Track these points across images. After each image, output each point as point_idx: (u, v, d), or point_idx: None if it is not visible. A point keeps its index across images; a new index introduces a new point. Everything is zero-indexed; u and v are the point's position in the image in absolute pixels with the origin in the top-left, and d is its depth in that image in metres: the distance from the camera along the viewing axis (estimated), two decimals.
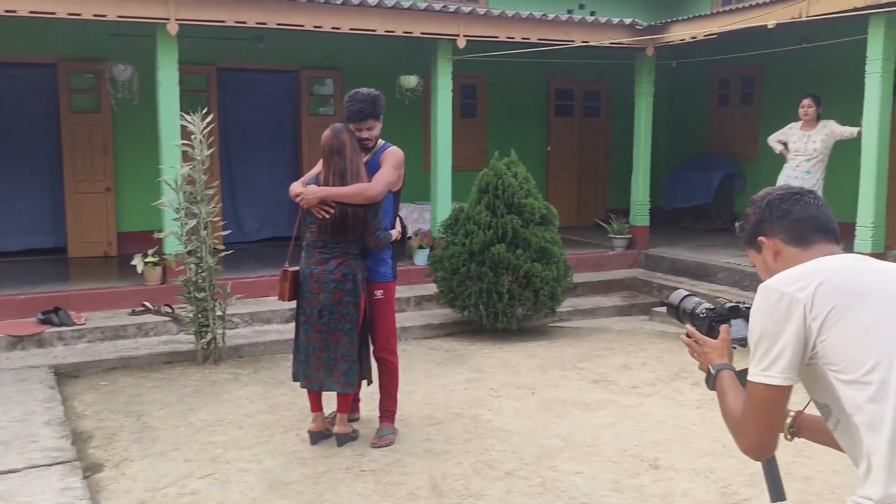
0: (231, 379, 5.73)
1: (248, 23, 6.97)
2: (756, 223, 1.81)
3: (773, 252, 1.77)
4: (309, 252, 4.34)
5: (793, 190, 1.82)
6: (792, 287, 1.58)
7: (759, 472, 3.93)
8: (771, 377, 1.59)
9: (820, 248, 1.71)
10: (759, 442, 1.67)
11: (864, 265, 1.64)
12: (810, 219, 1.74)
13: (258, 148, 9.90)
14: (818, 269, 1.61)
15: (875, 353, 1.49)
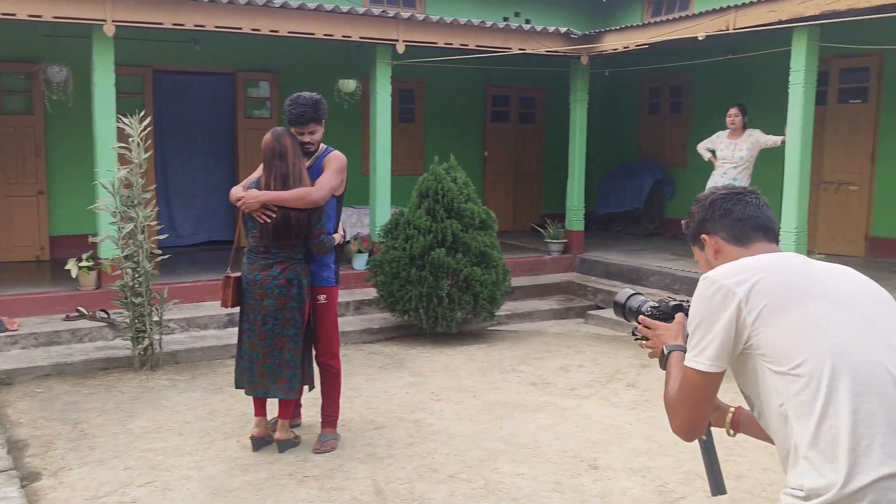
0: (169, 385, 5.63)
1: (185, 25, 6.87)
2: (700, 221, 1.89)
3: (714, 250, 1.85)
4: (251, 258, 4.30)
5: (736, 190, 1.89)
6: (730, 280, 1.65)
7: (693, 471, 4.13)
8: (700, 363, 1.67)
9: (759, 247, 1.79)
10: (687, 424, 1.74)
11: (801, 264, 1.72)
12: (750, 219, 1.82)
13: (193, 150, 9.74)
14: (757, 265, 1.69)
15: (805, 349, 1.57)
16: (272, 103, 9.85)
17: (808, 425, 1.55)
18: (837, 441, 1.51)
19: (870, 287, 1.72)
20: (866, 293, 1.69)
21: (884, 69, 8.72)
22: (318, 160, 4.41)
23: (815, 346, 1.57)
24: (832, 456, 1.51)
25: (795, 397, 1.57)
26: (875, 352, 1.57)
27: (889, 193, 8.74)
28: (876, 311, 1.65)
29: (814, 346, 1.57)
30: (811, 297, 1.62)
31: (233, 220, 9.87)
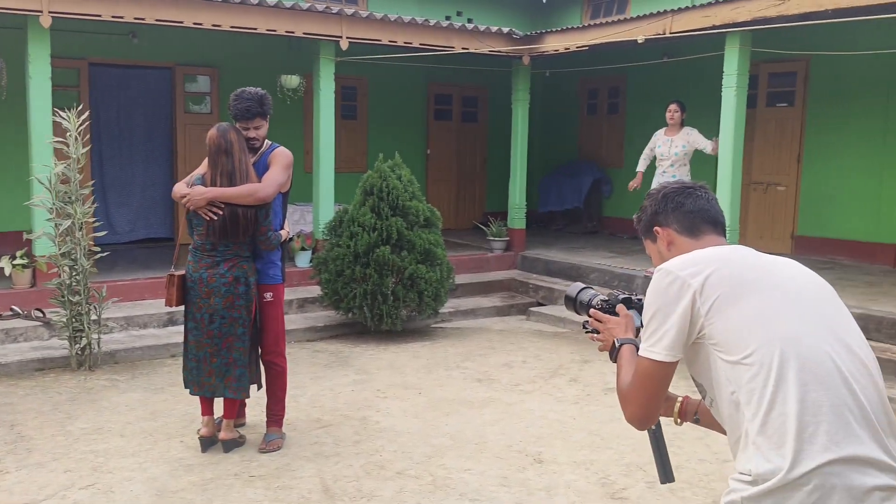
0: (108, 385, 5.50)
1: (125, 18, 6.69)
2: (652, 214, 1.96)
3: (667, 242, 1.92)
4: (197, 255, 4.24)
5: (687, 184, 1.96)
6: (685, 272, 1.72)
7: (634, 463, 4.27)
8: (656, 353, 1.72)
9: (709, 239, 1.87)
10: (641, 413, 1.79)
11: (752, 257, 1.80)
12: (701, 211, 1.89)
13: (131, 146, 9.50)
14: (710, 257, 1.76)
15: (756, 339, 1.65)
16: (212, 98, 9.68)
17: (758, 412, 1.61)
18: (784, 428, 1.58)
19: (815, 280, 1.81)
20: (812, 286, 1.78)
21: (810, 74, 9.11)
22: (264, 156, 4.38)
23: (765, 336, 1.64)
24: (779, 442, 1.58)
25: (746, 385, 1.63)
26: (821, 342, 1.65)
27: (814, 194, 9.14)
28: (821, 304, 1.74)
29: (764, 336, 1.64)
30: (761, 289, 1.70)
31: (172, 217, 9.68)
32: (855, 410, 1.59)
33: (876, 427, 1.60)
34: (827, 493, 1.54)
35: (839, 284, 6.95)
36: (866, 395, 1.62)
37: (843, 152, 8.85)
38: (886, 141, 8.47)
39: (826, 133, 8.99)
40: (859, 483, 1.55)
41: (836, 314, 1.74)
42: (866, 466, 1.57)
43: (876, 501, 1.56)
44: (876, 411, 1.62)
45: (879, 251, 8.57)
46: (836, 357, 1.64)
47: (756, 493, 1.58)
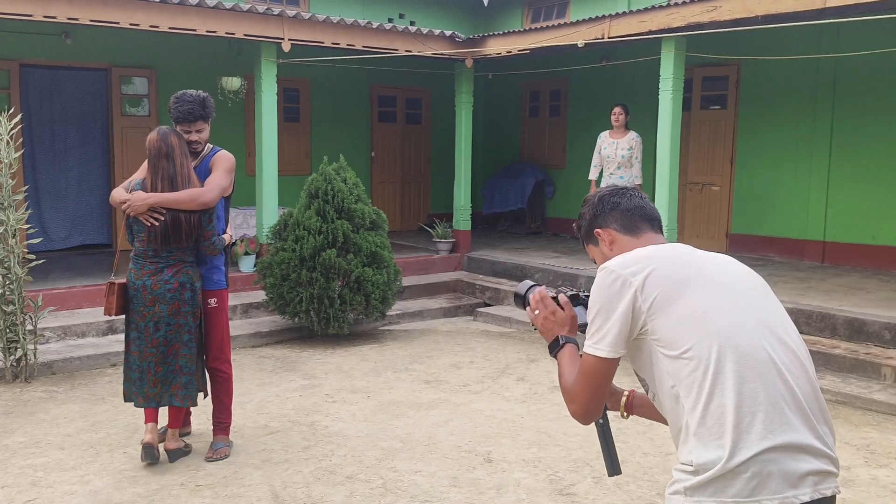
0: (46, 397, 5.33)
1: (58, 18, 6.49)
2: (591, 218, 2.01)
3: (608, 242, 1.97)
4: (139, 262, 4.14)
5: (619, 186, 2.04)
6: (627, 270, 1.78)
7: (581, 459, 4.34)
8: (599, 350, 1.78)
9: (648, 237, 1.94)
10: (586, 408, 1.85)
11: (690, 255, 1.85)
12: (637, 209, 1.96)
13: (66, 150, 9.21)
14: (651, 255, 1.82)
15: (695, 334, 1.71)
16: (150, 100, 9.46)
17: (697, 405, 1.69)
18: (723, 419, 1.66)
19: (750, 276, 1.89)
20: (748, 282, 1.86)
21: (741, 78, 9.42)
22: (205, 160, 4.31)
23: (703, 331, 1.71)
24: (718, 433, 1.66)
25: (685, 379, 1.70)
26: (756, 335, 1.73)
27: (746, 193, 9.46)
28: (757, 298, 1.82)
29: (702, 331, 1.71)
30: (700, 286, 1.77)
31: (109, 223, 9.42)
32: (789, 400, 1.68)
33: (809, 415, 1.69)
34: (764, 479, 1.62)
35: (771, 280, 7.19)
36: (799, 384, 1.71)
37: (774, 153, 9.17)
38: (814, 142, 8.82)
39: (757, 135, 9.31)
40: (794, 469, 1.64)
41: (770, 308, 1.82)
42: (801, 453, 1.65)
43: (810, 485, 1.65)
44: (808, 400, 1.71)
45: (808, 248, 8.91)
46: (770, 349, 1.72)
47: (698, 482, 1.65)
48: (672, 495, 1.71)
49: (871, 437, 4.81)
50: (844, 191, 8.62)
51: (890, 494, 3.99)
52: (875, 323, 6.12)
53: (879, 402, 5.29)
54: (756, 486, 1.62)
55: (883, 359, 5.76)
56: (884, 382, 5.62)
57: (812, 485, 1.65)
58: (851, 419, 5.12)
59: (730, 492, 1.62)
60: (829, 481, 1.68)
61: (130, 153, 8.94)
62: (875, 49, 7.54)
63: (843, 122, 8.58)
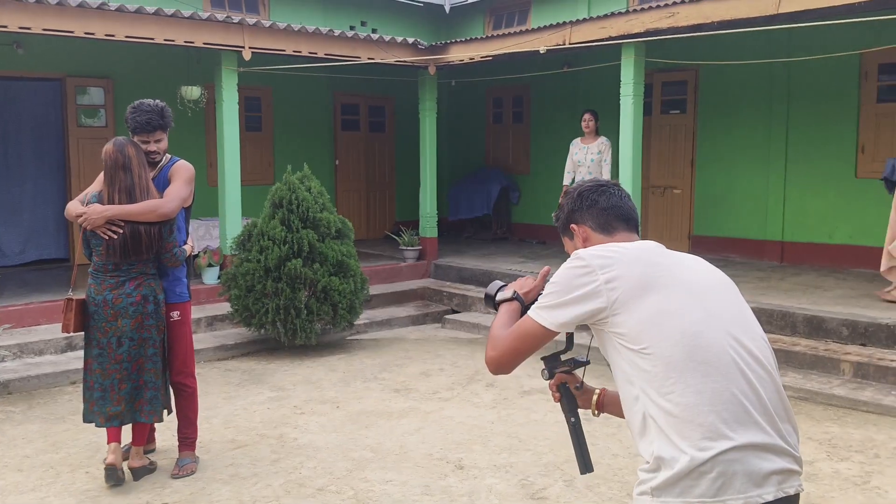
0: (2, 418, 5.16)
1: (9, 27, 6.32)
2: (569, 212, 2.03)
3: (583, 238, 1.99)
4: (99, 277, 4.02)
5: (601, 182, 2.04)
6: (596, 262, 1.79)
7: (552, 463, 4.33)
8: (545, 320, 1.81)
9: (621, 236, 1.95)
10: (502, 359, 1.90)
11: (659, 254, 1.86)
12: (614, 209, 1.98)
13: (19, 162, 8.99)
14: (622, 251, 1.82)
15: (658, 332, 1.72)
16: (107, 111, 9.28)
17: (659, 401, 1.69)
18: (686, 416, 1.67)
19: (717, 276, 1.91)
20: (714, 282, 1.88)
21: (699, 83, 9.58)
22: (164, 171, 4.23)
23: (668, 329, 1.72)
24: (680, 430, 1.67)
25: (645, 373, 1.72)
26: (721, 335, 1.74)
27: (707, 196, 9.60)
28: (722, 298, 1.84)
29: (667, 329, 1.72)
30: (667, 285, 1.78)
31: (66, 237, 9.20)
32: (752, 398, 1.69)
33: (772, 414, 1.71)
34: (729, 479, 1.63)
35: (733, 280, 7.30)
36: (762, 383, 1.72)
37: (732, 156, 9.34)
38: (770, 144, 8.99)
39: (716, 138, 9.47)
40: (758, 468, 1.65)
41: (735, 308, 1.83)
42: (765, 452, 1.67)
43: (774, 484, 1.67)
44: (772, 398, 1.73)
45: (767, 248, 9.08)
46: (733, 350, 1.73)
47: (663, 482, 1.66)
48: (640, 496, 1.72)
49: (832, 431, 4.89)
50: (801, 191, 8.81)
51: (851, 487, 4.06)
52: (833, 320, 6.24)
53: (839, 396, 5.40)
54: (721, 486, 1.63)
55: (841, 354, 5.87)
56: (843, 378, 5.73)
57: (776, 483, 1.67)
58: (813, 414, 5.20)
59: (695, 492, 1.64)
60: (792, 480, 1.70)
61: (87, 165, 8.74)
62: (826, 53, 7.73)
63: (797, 124, 8.77)
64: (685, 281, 1.81)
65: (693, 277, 1.83)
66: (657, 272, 1.79)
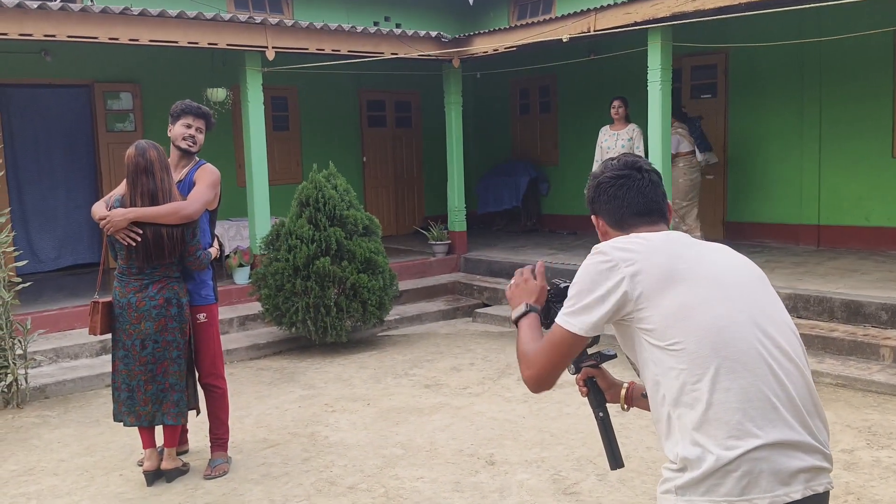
0: (39, 423, 5.24)
1: (34, 35, 6.40)
2: (589, 201, 1.95)
3: (601, 231, 1.94)
4: (123, 280, 4.04)
5: (623, 173, 1.88)
6: (618, 255, 1.72)
7: (585, 457, 4.26)
8: (572, 325, 1.73)
9: (640, 231, 1.84)
10: (540, 375, 1.80)
11: (684, 246, 1.77)
12: (631, 205, 1.86)
13: (52, 169, 9.13)
14: (646, 244, 1.74)
15: (684, 327, 1.66)
16: (136, 115, 9.39)
17: (682, 397, 1.64)
18: (712, 415, 1.61)
19: (745, 267, 1.82)
20: (742, 273, 1.79)
21: (728, 66, 9.37)
22: (191, 173, 4.25)
23: (693, 325, 1.65)
24: (706, 429, 1.61)
25: (671, 371, 1.66)
26: (748, 330, 1.67)
27: (740, 181, 9.40)
28: (750, 292, 1.75)
29: (692, 325, 1.66)
30: (692, 278, 1.70)
31: (99, 242, 9.33)
32: (781, 395, 1.63)
33: (801, 410, 1.65)
34: (755, 478, 1.58)
35: (768, 267, 7.16)
36: (791, 379, 1.66)
37: (765, 139, 9.14)
38: (803, 127, 8.78)
39: (748, 122, 9.27)
40: (785, 466, 1.60)
41: (763, 301, 1.75)
42: (793, 450, 1.61)
43: (801, 482, 1.61)
44: (801, 394, 1.66)
45: (803, 232, 8.87)
46: (761, 345, 1.66)
47: (688, 481, 1.62)
48: (663, 494, 1.68)
49: (872, 418, 4.75)
50: (836, 173, 8.58)
51: (893, 475, 3.93)
52: (871, 304, 6.06)
53: (879, 382, 5.24)
54: (747, 485, 1.58)
55: (881, 340, 5.70)
56: (882, 363, 5.56)
57: (804, 482, 1.61)
58: (852, 401, 5.06)
59: (721, 491, 1.59)
60: (821, 477, 1.65)
61: (118, 169, 8.85)
62: (857, 31, 7.50)
63: (831, 105, 8.54)
64: (710, 273, 1.73)
65: (719, 269, 1.76)
66: (681, 264, 1.72)
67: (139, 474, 4.19)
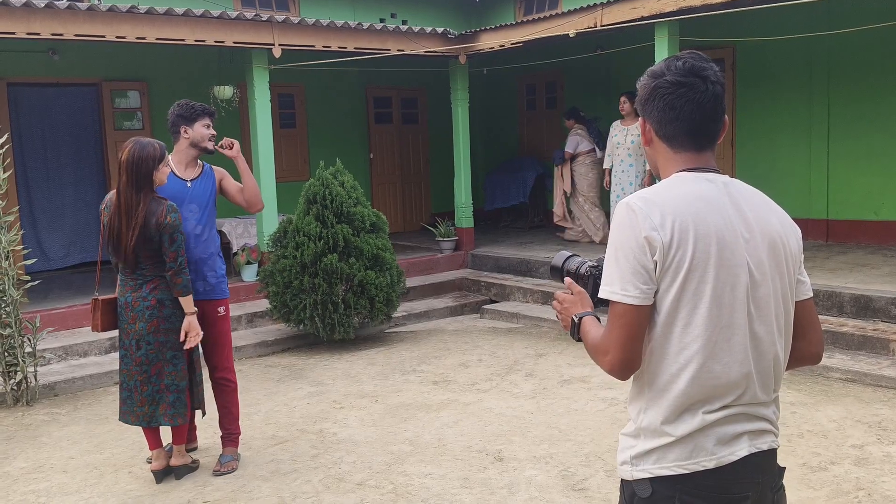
0: (48, 420, 5.26)
1: (42, 34, 6.41)
2: (641, 101, 1.76)
3: (647, 138, 1.77)
4: (122, 279, 4.01)
5: (686, 80, 1.68)
6: (650, 219, 1.60)
7: (593, 453, 4.24)
8: (624, 296, 1.62)
9: (687, 157, 1.71)
10: (618, 357, 1.65)
11: (721, 218, 1.64)
12: (687, 120, 1.69)
13: (60, 167, 9.16)
14: (682, 205, 1.62)
15: (682, 321, 1.62)
16: (143, 114, 9.40)
17: (657, 370, 1.66)
18: (674, 390, 1.65)
19: (772, 247, 1.70)
20: (766, 257, 1.68)
21: (736, 60, 9.32)
22: (203, 175, 4.26)
23: (694, 323, 1.63)
24: (667, 400, 1.66)
25: (656, 341, 1.66)
26: (742, 334, 1.65)
27: (748, 175, 9.26)
28: (763, 288, 1.68)
29: (694, 323, 1.63)
30: (713, 269, 1.62)
31: None
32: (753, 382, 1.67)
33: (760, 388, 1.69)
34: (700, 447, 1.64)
35: None
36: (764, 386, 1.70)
37: (773, 134, 9.08)
38: (812, 121, 8.72)
39: (756, 116, 9.21)
40: (730, 431, 1.65)
41: (770, 299, 1.69)
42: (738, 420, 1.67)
43: (745, 441, 1.66)
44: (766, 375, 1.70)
45: (812, 227, 8.81)
46: (751, 354, 1.67)
47: (641, 451, 1.67)
48: (620, 466, 1.73)
49: (882, 413, 4.72)
50: (845, 168, 8.52)
51: None
52: (881, 299, 6.02)
53: (889, 377, 5.21)
54: (693, 450, 1.64)
55: (890, 334, 5.67)
56: (892, 358, 5.53)
57: (748, 440, 1.66)
58: (862, 396, 5.03)
59: (670, 457, 1.65)
60: (765, 437, 1.70)
61: None
62: (866, 25, 7.43)
63: (839, 99, 8.48)
64: (732, 265, 1.64)
65: (741, 260, 1.65)
66: (713, 249, 1.61)
67: (148, 471, 4.20)
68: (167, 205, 3.90)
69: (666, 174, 1.76)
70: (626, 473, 1.71)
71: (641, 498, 1.67)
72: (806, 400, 5.04)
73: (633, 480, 1.69)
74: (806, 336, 1.80)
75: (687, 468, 1.63)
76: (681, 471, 1.63)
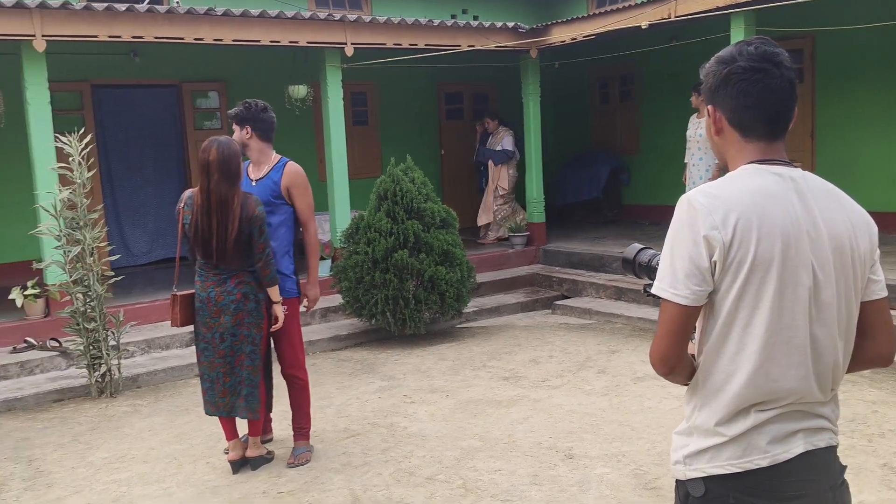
0: (130, 411, 5.46)
1: (123, 37, 6.65)
2: (710, 88, 1.69)
3: (717, 127, 1.70)
4: (203, 274, 4.10)
5: (760, 65, 1.61)
6: (712, 215, 1.53)
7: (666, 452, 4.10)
8: (673, 294, 1.58)
9: (759, 147, 1.64)
10: (660, 353, 1.64)
11: (787, 218, 1.56)
12: (763, 106, 1.62)
13: (142, 166, 9.51)
14: (748, 202, 1.55)
15: (739, 320, 1.57)
16: (222, 113, 9.67)
17: (713, 368, 1.63)
18: (729, 392, 1.61)
19: (839, 251, 1.61)
20: (831, 262, 1.60)
21: (816, 50, 8.92)
22: (273, 171, 4.30)
23: (751, 319, 1.57)
24: (720, 401, 1.62)
25: (711, 339, 1.62)
26: (801, 341, 1.59)
27: (829, 168, 8.89)
28: (826, 295, 1.59)
29: (749, 318, 1.57)
30: (773, 274, 1.55)
31: None
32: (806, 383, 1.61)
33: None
34: (754, 445, 1.60)
35: None
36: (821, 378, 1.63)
37: (854, 125, 8.72)
38: (894, 112, 8.29)
39: (836, 107, 8.85)
40: (785, 429, 1.60)
41: (836, 303, 1.60)
42: (793, 418, 1.62)
43: (801, 438, 1.61)
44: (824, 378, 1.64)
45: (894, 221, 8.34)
46: (811, 366, 1.61)
47: (694, 450, 1.64)
48: (673, 465, 1.69)
49: None
50: None
51: None
52: None
53: None
54: (746, 449, 1.60)
55: None
56: None
57: (803, 437, 1.61)
58: None
59: (723, 456, 1.61)
60: (822, 434, 1.64)
61: None
62: None
63: None
64: (794, 269, 1.55)
65: (805, 263, 1.56)
66: (771, 252, 1.54)
67: (225, 462, 4.30)
68: (253, 198, 4.02)
69: (734, 165, 1.69)
70: (679, 473, 1.67)
71: (695, 497, 1.64)
72: (888, 399, 4.77)
73: (687, 480, 1.66)
74: (875, 336, 1.70)
75: (741, 467, 1.59)
76: (734, 469, 1.59)
